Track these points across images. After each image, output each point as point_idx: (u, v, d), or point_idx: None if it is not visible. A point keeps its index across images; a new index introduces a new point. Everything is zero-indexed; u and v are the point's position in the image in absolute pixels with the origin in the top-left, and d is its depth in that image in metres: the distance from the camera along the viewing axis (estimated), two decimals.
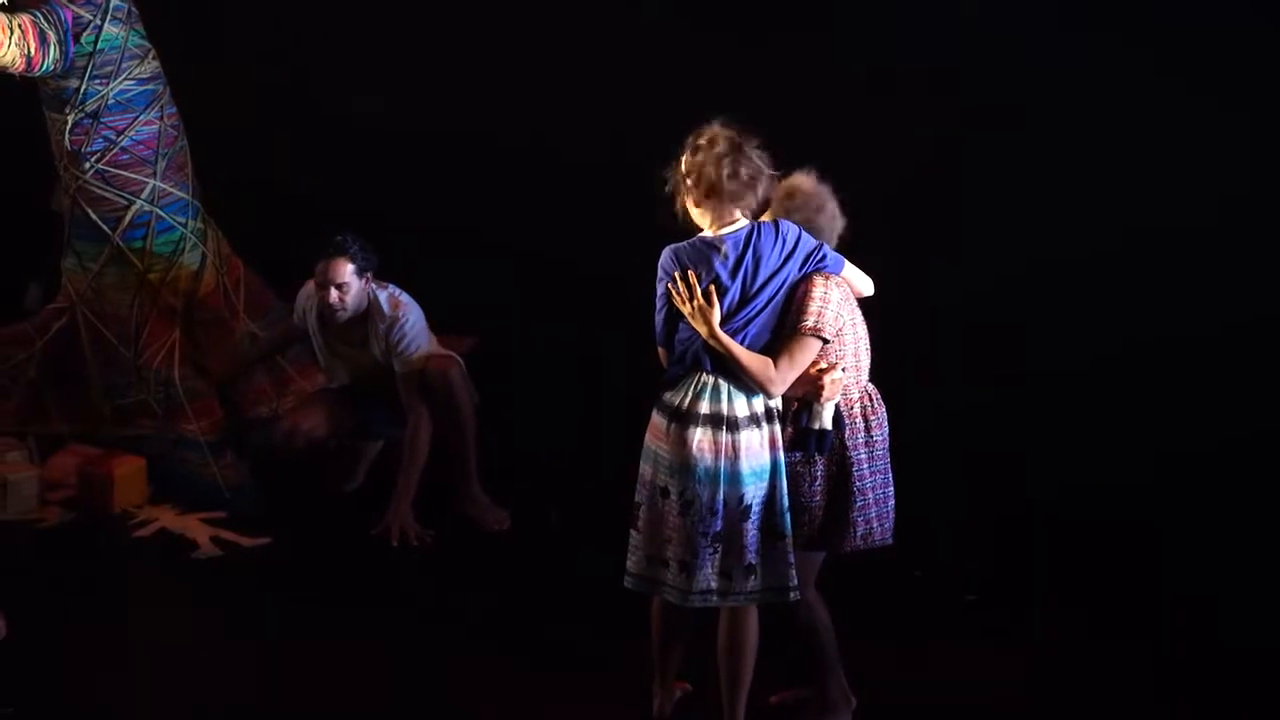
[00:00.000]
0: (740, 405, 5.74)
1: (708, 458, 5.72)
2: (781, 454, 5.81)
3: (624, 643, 6.61)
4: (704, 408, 5.73)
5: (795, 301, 5.77)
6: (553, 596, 7.16)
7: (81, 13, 7.65)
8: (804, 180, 5.98)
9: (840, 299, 5.83)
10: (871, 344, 6.03)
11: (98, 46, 7.70)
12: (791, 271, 5.76)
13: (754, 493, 5.76)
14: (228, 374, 8.08)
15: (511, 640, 6.81)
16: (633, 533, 5.91)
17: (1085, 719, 6.40)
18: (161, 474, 7.93)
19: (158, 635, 6.88)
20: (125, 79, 7.80)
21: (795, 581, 5.83)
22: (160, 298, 8.00)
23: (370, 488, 8.00)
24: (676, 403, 5.77)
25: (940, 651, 6.75)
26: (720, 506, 5.74)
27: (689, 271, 5.69)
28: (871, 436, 5.95)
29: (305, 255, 7.51)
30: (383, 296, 7.54)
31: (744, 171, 5.66)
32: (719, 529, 5.76)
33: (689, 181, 5.70)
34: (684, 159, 5.72)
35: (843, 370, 5.83)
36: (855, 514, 5.91)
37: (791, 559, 5.81)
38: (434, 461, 7.71)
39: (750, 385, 5.75)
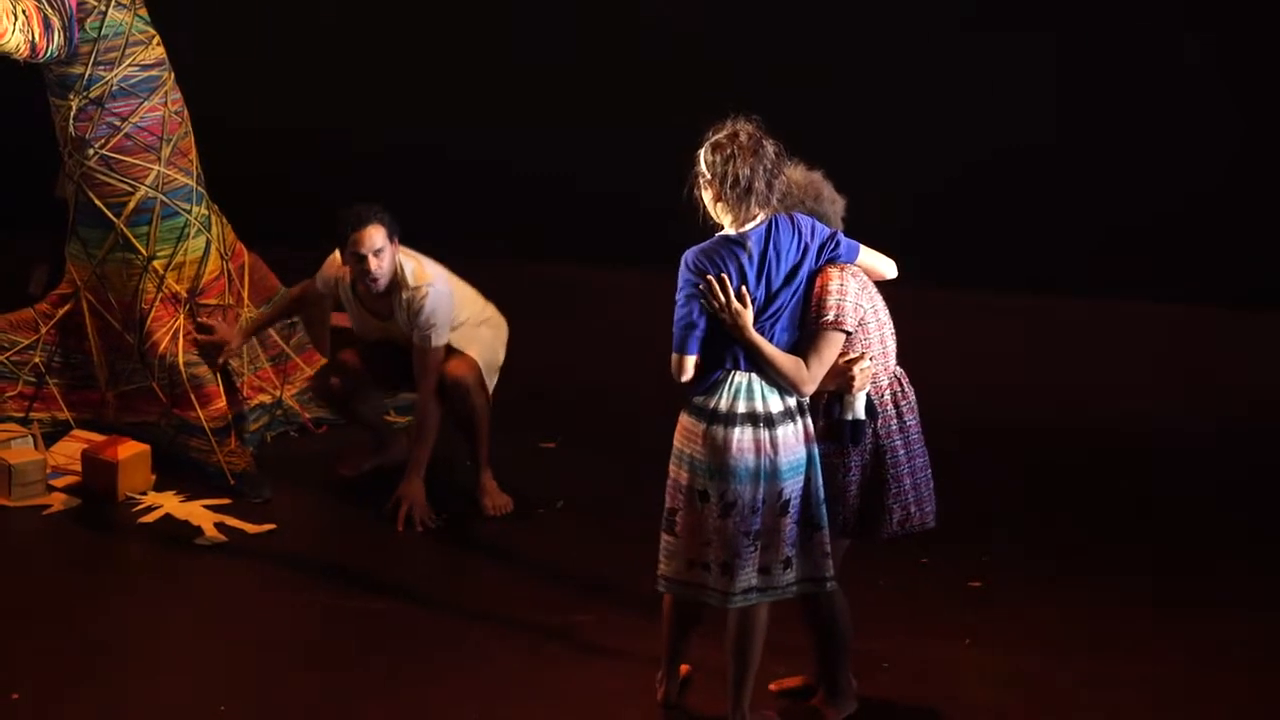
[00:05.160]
0: (774, 401, 5.72)
1: (748, 457, 5.69)
2: (815, 446, 5.79)
3: (629, 630, 6.63)
4: (741, 407, 5.70)
5: (814, 297, 5.74)
6: (557, 584, 7.14)
7: None
8: (794, 172, 5.91)
9: (858, 289, 5.81)
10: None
11: (102, 32, 7.66)
12: (810, 264, 5.73)
13: (792, 487, 5.74)
14: (238, 345, 8.05)
15: (516, 627, 6.79)
16: (667, 538, 5.86)
17: (1087, 709, 6.39)
18: (166, 460, 7.89)
19: (161, 622, 6.86)
20: (129, 65, 7.77)
21: (832, 572, 5.84)
22: (165, 284, 7.97)
23: (375, 479, 7.95)
24: (712, 405, 5.72)
25: (945, 638, 6.74)
26: (760, 504, 5.72)
27: (721, 274, 5.64)
28: (904, 422, 5.93)
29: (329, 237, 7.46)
30: (409, 267, 7.50)
31: (768, 169, 5.63)
32: (758, 526, 5.74)
33: (711, 179, 5.66)
34: (704, 156, 5.67)
35: (870, 359, 5.81)
36: (891, 500, 5.91)
37: (828, 549, 5.82)
38: (443, 455, 7.73)
39: (783, 384, 5.73)
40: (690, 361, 5.70)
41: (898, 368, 5.97)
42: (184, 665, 6.57)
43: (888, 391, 5.91)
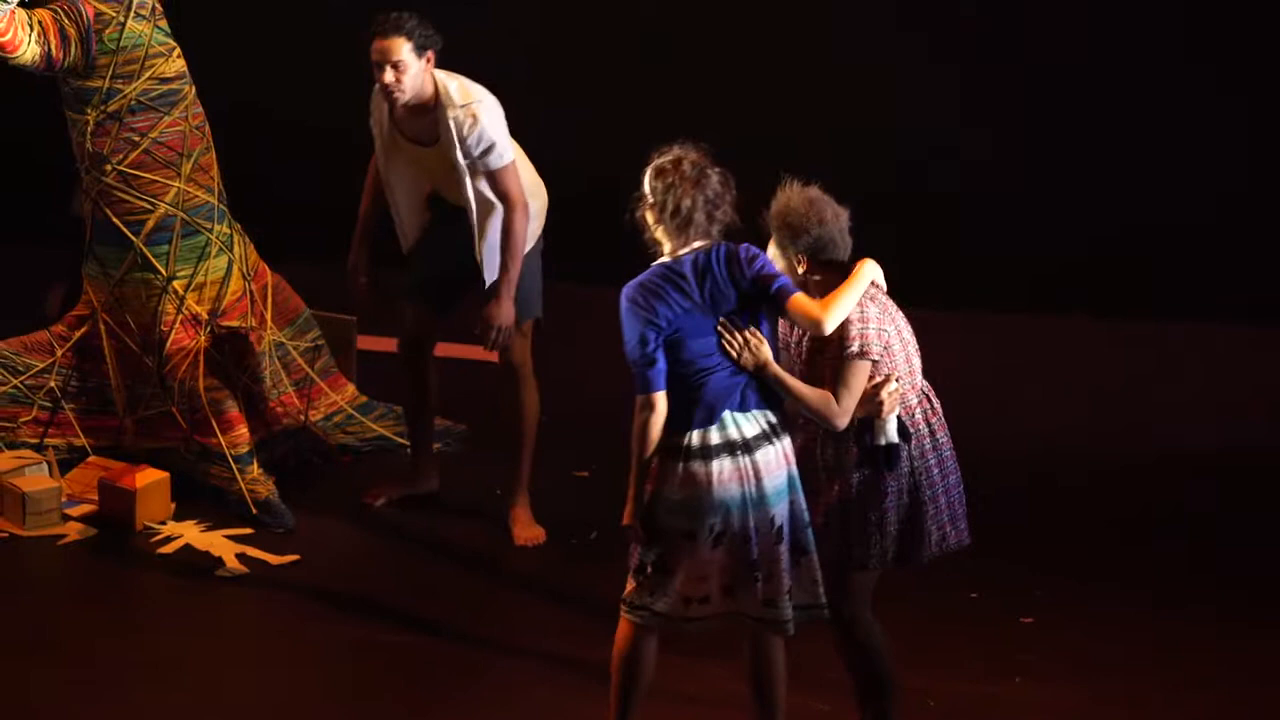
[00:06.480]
0: (749, 426, 5.61)
1: (732, 487, 5.58)
2: (795, 468, 5.67)
3: (663, 665, 6.38)
4: (715, 438, 5.59)
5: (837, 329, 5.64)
6: (589, 617, 6.99)
7: (104, 9, 7.55)
8: (793, 196, 5.76)
9: (878, 313, 5.71)
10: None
11: (120, 44, 7.60)
12: (753, 295, 5.58)
13: (782, 512, 5.63)
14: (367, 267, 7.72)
15: (547, 661, 6.74)
16: (657, 576, 5.71)
17: None
18: (186, 488, 7.81)
19: (181, 656, 6.78)
20: (148, 78, 7.70)
21: (824, 599, 5.71)
22: (185, 305, 7.89)
23: (402, 510, 7.87)
24: (685, 442, 5.59)
25: (993, 675, 6.65)
26: (753, 533, 5.61)
27: (731, 326, 5.56)
28: (937, 440, 5.83)
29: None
30: (452, 85, 7.19)
31: (709, 199, 5.56)
32: (755, 557, 5.63)
33: (652, 204, 5.60)
34: (648, 180, 5.61)
35: (897, 381, 5.70)
36: (929, 523, 5.80)
37: (818, 575, 5.69)
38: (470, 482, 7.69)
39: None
40: (661, 398, 5.58)
41: (924, 382, 5.87)
42: (204, 700, 6.49)
43: (918, 410, 5.82)
